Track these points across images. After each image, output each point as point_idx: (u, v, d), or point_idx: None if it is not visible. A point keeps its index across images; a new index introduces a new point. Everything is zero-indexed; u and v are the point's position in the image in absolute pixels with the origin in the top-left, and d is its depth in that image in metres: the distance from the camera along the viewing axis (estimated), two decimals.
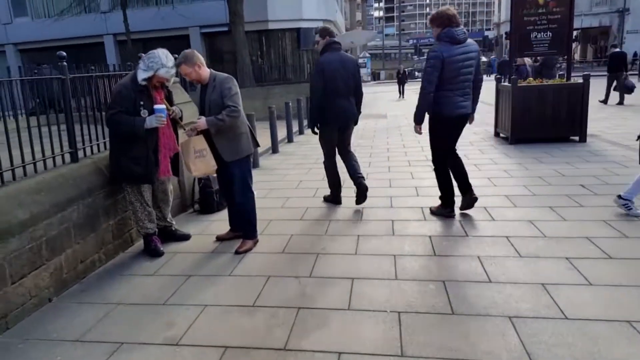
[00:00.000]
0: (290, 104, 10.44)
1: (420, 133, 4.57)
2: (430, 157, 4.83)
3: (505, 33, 43.56)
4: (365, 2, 60.06)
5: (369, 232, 4.32)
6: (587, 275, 3.20)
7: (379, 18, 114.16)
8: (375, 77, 44.46)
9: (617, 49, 13.59)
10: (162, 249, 4.02)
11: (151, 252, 3.98)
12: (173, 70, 3.69)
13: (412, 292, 3.13)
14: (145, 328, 2.88)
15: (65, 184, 3.47)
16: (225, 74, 3.85)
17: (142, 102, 3.65)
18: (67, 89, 3.62)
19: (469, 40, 4.23)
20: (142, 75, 3.59)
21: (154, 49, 3.71)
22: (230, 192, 4.13)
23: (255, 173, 7.10)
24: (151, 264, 3.85)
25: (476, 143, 8.67)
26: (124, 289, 3.43)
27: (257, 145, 4.16)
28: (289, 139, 10.38)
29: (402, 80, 22.33)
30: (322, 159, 5.23)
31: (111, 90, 3.80)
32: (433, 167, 4.67)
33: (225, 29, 15.88)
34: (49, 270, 3.24)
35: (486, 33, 66.41)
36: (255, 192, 5.61)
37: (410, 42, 71.54)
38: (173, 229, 4.36)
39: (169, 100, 4.03)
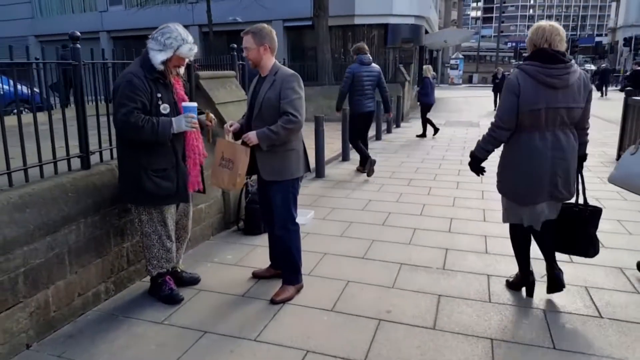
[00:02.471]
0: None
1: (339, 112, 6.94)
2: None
3: (624, 39, 38.67)
4: (463, 0, 56.72)
5: (454, 291, 3.14)
6: None
7: (476, 18, 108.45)
8: (469, 80, 41.88)
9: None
10: (180, 294, 3.06)
11: (166, 298, 3.00)
12: (195, 48, 2.79)
13: None
14: None
15: (62, 198, 2.73)
16: (291, 71, 2.94)
17: (159, 95, 2.72)
18: (80, 77, 2.88)
19: (373, 64, 6.71)
20: (158, 57, 2.64)
21: (236, 41, 2.91)
22: (271, 218, 3.19)
23: (317, 185, 6.30)
24: (165, 304, 3.01)
25: (594, 168, 6.97)
26: (120, 340, 2.61)
27: (308, 169, 3.14)
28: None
29: (499, 86, 17.19)
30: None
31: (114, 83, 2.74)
32: (350, 144, 7.12)
33: (309, 23, 15.12)
34: (27, 310, 2.52)
35: (599, 39, 59.64)
36: (309, 215, 4.67)
37: (509, 44, 66.44)
38: (179, 270, 3.28)
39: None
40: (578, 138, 2.77)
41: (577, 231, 2.87)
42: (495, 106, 17.10)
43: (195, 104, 2.89)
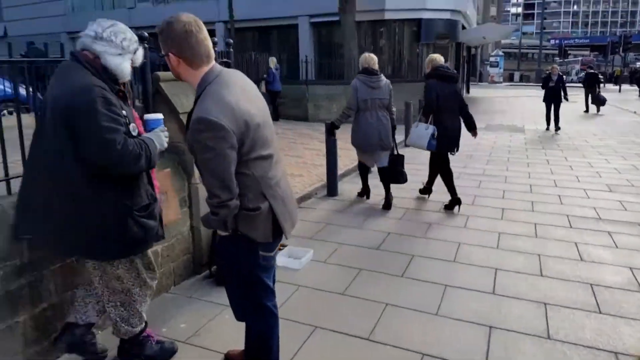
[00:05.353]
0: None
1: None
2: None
3: None
4: None
5: None
6: None
7: (517, 15, 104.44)
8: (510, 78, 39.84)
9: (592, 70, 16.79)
10: (172, 340, 2.54)
11: (158, 356, 2.40)
12: None
13: None
14: None
15: None
16: (205, 106, 1.66)
17: (124, 112, 2.00)
18: None
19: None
20: (125, 64, 2.02)
21: (261, 38, 2.14)
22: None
23: (326, 207, 5.06)
24: None
25: None
26: None
27: (278, 235, 1.91)
28: None
29: (554, 90, 11.05)
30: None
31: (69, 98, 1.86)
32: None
33: (337, 18, 13.97)
34: None
35: None
36: (306, 256, 3.52)
37: (552, 42, 62.98)
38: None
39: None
40: (389, 115, 4.86)
41: (393, 168, 4.91)
42: (548, 122, 11.33)
43: (161, 116, 2.26)
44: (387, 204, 4.90)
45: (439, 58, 4.89)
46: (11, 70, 2.67)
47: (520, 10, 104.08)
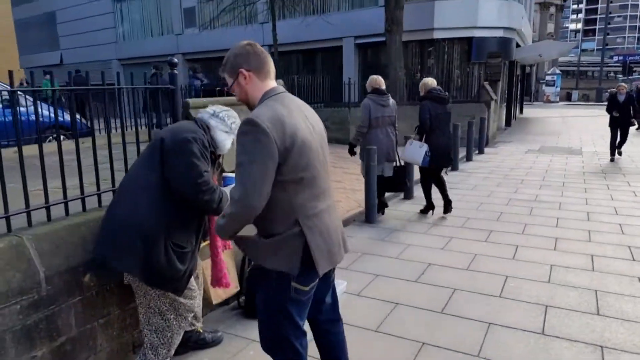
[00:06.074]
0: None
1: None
2: None
3: None
4: (561, 12, 51.90)
5: None
6: None
7: (576, 31, 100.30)
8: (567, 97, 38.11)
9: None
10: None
11: None
12: None
13: None
14: None
15: None
16: (252, 114, 1.68)
17: (208, 171, 2.29)
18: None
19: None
20: (228, 142, 2.39)
21: (305, 61, 2.10)
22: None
23: (364, 235, 4.91)
24: None
25: None
26: None
27: (311, 268, 1.77)
28: None
29: (622, 112, 9.26)
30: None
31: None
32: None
33: (383, 39, 13.95)
34: None
35: None
36: (340, 288, 3.33)
37: (615, 58, 59.66)
38: (198, 330, 2.76)
39: None
40: (394, 131, 5.29)
41: (396, 178, 5.36)
42: (613, 152, 9.51)
43: (234, 176, 2.23)
44: (382, 206, 5.56)
45: (431, 81, 5.38)
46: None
47: (580, 26, 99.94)
